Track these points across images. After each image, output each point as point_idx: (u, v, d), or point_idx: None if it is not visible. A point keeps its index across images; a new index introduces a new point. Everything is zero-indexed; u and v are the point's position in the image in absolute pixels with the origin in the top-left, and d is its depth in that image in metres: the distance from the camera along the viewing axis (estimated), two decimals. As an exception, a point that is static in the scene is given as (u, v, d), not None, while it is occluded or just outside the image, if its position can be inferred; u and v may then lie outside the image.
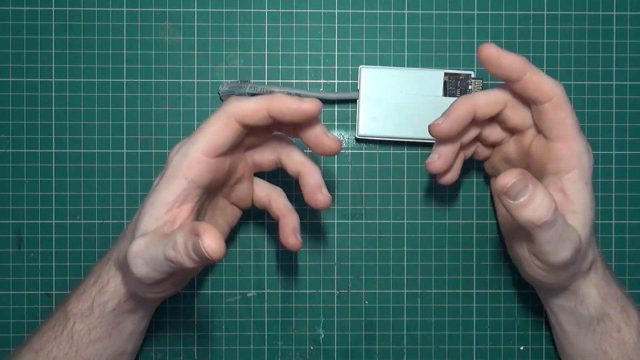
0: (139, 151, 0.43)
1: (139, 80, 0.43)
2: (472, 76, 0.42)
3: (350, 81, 0.44)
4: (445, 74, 0.42)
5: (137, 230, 0.33)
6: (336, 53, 0.44)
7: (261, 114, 0.33)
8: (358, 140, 0.44)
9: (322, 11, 0.44)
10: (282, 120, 0.33)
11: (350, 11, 0.44)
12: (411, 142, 0.43)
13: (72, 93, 0.43)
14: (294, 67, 0.44)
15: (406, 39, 0.44)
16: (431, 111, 0.42)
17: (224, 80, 0.43)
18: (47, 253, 0.43)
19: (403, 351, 0.44)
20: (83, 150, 0.43)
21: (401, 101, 0.42)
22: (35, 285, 0.43)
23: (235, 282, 0.44)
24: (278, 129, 0.36)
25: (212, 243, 0.28)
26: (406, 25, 0.44)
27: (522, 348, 0.44)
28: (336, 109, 0.44)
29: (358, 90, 0.42)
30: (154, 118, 0.43)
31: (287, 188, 0.40)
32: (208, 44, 0.43)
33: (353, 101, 0.43)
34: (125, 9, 0.43)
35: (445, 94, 0.42)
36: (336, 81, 0.44)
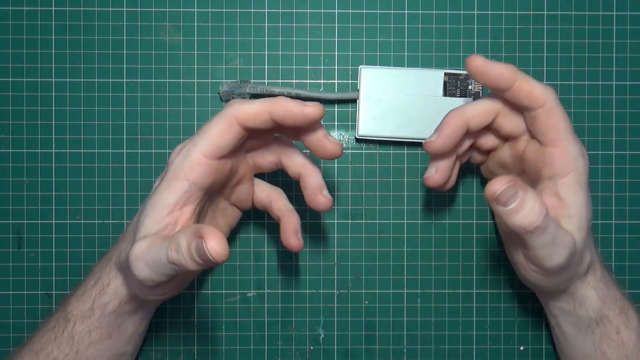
0: (139, 151, 0.43)
1: (139, 80, 0.43)
2: (472, 76, 0.42)
3: (350, 81, 0.44)
4: (445, 74, 0.42)
5: (138, 232, 0.33)
6: (336, 53, 0.44)
7: (263, 117, 0.33)
8: (358, 140, 0.44)
9: (322, 11, 0.43)
10: (284, 124, 0.33)
11: (350, 11, 0.43)
12: (411, 142, 0.43)
13: (72, 93, 0.43)
14: (294, 67, 0.44)
15: (406, 39, 0.44)
16: (431, 111, 0.42)
17: (224, 80, 0.43)
18: (47, 253, 0.43)
19: (403, 351, 0.44)
20: (83, 150, 0.43)
21: (401, 101, 0.42)
22: (35, 285, 0.43)
23: (235, 282, 0.44)
24: (279, 132, 0.36)
25: (216, 245, 0.28)
26: (406, 25, 0.44)
27: (522, 348, 0.44)
28: (336, 109, 0.44)
29: (358, 90, 0.42)
30: (154, 118, 0.43)
31: (287, 188, 0.40)
32: (208, 44, 0.43)
33: (353, 101, 0.43)
34: (125, 9, 0.43)
35: (445, 94, 0.42)
36: (336, 81, 0.44)
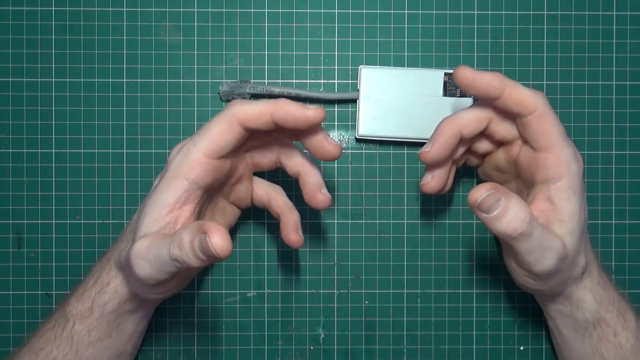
0: (139, 151, 0.43)
1: (139, 80, 0.43)
2: (472, 76, 0.42)
3: (350, 81, 0.44)
4: (445, 74, 0.42)
5: (138, 231, 0.33)
6: (336, 53, 0.44)
7: (265, 119, 0.33)
8: (358, 140, 0.44)
9: (322, 11, 0.44)
10: (286, 126, 0.33)
11: (350, 11, 0.44)
12: (411, 142, 0.43)
13: (72, 93, 0.43)
14: (294, 67, 0.44)
15: (406, 39, 0.44)
16: (431, 111, 0.42)
17: (224, 80, 0.43)
18: (47, 253, 0.43)
19: (403, 351, 0.44)
20: (83, 150, 0.43)
21: (401, 101, 0.42)
22: (35, 285, 0.43)
23: (235, 282, 0.44)
24: (279, 133, 0.36)
25: (220, 240, 0.28)
26: (406, 25, 0.44)
27: (522, 348, 0.44)
28: (336, 109, 0.44)
29: (358, 90, 0.42)
30: (154, 118, 0.43)
31: (287, 188, 0.40)
32: (208, 44, 0.43)
33: (353, 101, 0.43)
34: (125, 9, 0.43)
35: (445, 94, 0.42)
36: (336, 81, 0.44)
